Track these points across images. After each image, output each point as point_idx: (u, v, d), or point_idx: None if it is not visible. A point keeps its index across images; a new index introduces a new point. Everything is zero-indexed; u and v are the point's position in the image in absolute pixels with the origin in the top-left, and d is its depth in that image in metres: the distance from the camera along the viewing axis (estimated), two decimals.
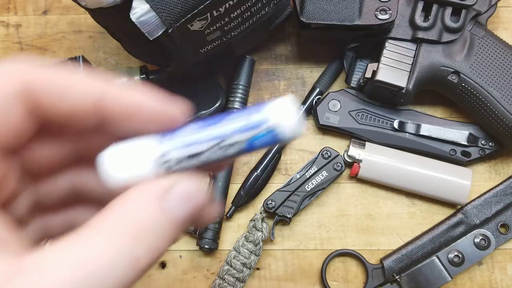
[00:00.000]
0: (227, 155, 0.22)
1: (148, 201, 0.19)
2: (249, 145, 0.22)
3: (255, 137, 0.22)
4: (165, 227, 0.19)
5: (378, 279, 0.54)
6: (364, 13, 0.50)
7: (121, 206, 0.19)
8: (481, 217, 0.54)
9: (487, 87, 0.52)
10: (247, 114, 0.22)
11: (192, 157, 0.21)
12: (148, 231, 0.18)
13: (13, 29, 0.60)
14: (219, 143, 0.22)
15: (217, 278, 0.53)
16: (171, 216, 0.19)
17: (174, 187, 0.20)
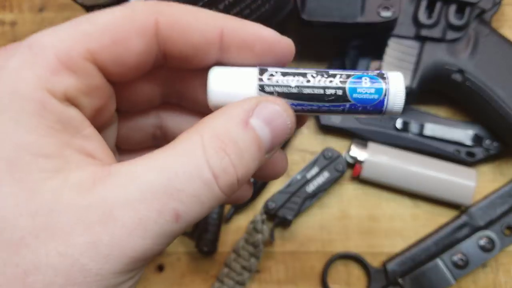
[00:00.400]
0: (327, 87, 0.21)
1: (233, 118, 0.20)
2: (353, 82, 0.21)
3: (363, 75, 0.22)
4: (248, 144, 0.20)
5: (381, 282, 0.53)
6: (366, 10, 0.49)
7: (209, 123, 0.20)
8: (486, 219, 0.53)
9: (491, 86, 0.51)
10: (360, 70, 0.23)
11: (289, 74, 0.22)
12: (231, 146, 0.19)
13: (8, 27, 0.60)
14: (322, 71, 0.22)
15: (216, 281, 0.53)
16: (254, 134, 0.20)
17: (260, 107, 0.21)
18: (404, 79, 0.22)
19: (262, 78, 0.22)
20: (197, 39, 0.21)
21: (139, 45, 0.20)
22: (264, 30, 0.22)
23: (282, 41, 0.23)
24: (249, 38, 0.22)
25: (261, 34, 0.22)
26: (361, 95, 0.21)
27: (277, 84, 0.21)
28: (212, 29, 0.21)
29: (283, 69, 0.22)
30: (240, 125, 0.20)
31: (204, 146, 0.19)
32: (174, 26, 0.21)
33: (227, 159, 0.19)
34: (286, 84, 0.21)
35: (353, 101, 0.22)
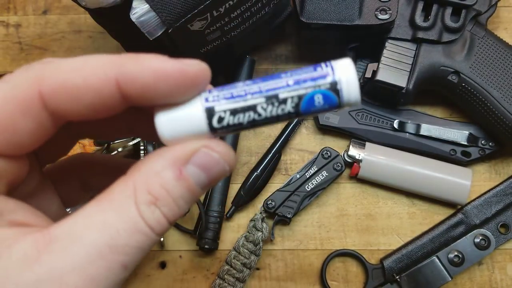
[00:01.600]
0: (279, 115, 0.21)
1: (167, 167, 0.20)
2: (306, 102, 0.21)
3: (315, 91, 0.21)
4: (181, 193, 0.20)
5: (378, 279, 0.54)
6: (364, 13, 0.50)
7: (143, 171, 0.20)
8: (481, 217, 0.54)
9: (487, 87, 0.52)
10: (304, 70, 0.21)
11: (239, 112, 0.21)
12: (164, 198, 0.20)
13: (13, 29, 0.60)
14: (272, 96, 0.21)
15: (217, 278, 0.53)
16: (188, 183, 0.20)
17: (198, 155, 0.21)
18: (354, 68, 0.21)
19: (212, 122, 0.21)
20: (90, 99, 0.20)
21: (27, 125, 0.20)
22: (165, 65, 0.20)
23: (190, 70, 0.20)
24: (150, 81, 0.20)
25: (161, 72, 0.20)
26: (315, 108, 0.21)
27: (229, 125, 0.21)
28: (105, 84, 0.19)
29: (229, 104, 0.21)
30: (173, 175, 0.20)
31: (137, 203, 0.19)
32: (60, 93, 0.19)
33: (158, 212, 0.20)
34: (238, 123, 0.21)
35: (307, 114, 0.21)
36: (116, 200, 0.19)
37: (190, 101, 0.21)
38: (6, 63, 0.60)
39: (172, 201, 0.20)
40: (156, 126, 0.21)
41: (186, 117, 0.21)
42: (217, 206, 0.54)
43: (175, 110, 0.21)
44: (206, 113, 0.21)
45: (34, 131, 0.20)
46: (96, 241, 0.18)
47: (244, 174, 0.56)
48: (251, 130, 0.57)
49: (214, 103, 0.21)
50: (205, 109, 0.21)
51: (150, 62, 0.20)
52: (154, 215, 0.19)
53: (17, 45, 0.60)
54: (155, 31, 0.40)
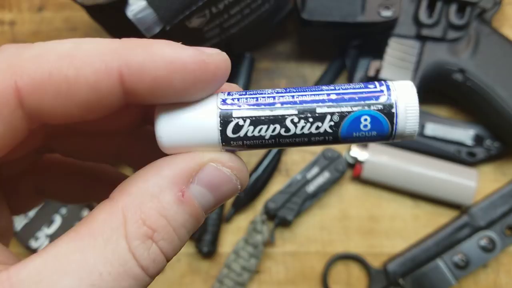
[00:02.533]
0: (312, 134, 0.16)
1: (167, 188, 0.16)
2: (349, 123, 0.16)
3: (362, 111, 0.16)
4: (183, 221, 0.16)
5: (381, 283, 0.53)
6: (367, 10, 0.49)
7: (132, 193, 0.16)
8: (487, 219, 0.53)
9: (492, 86, 0.51)
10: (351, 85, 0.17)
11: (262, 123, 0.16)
12: (162, 229, 0.16)
13: (7, 26, 0.60)
14: (307, 110, 0.16)
15: (216, 281, 0.53)
16: (192, 208, 0.16)
17: (205, 172, 0.16)
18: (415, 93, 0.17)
19: (226, 131, 0.17)
20: (84, 97, 0.15)
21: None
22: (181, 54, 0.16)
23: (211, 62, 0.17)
24: (162, 74, 0.16)
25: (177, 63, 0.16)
26: (359, 135, 0.17)
27: (247, 137, 0.17)
28: (103, 77, 0.15)
29: (251, 111, 0.17)
30: (174, 198, 0.16)
31: (127, 237, 0.15)
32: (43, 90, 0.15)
33: (155, 248, 0.16)
34: (258, 136, 0.17)
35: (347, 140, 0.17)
36: (99, 234, 0.15)
37: (203, 102, 0.17)
38: None
39: (173, 232, 0.16)
40: (156, 129, 0.17)
41: (194, 121, 0.17)
42: (217, 209, 0.53)
43: (182, 111, 0.17)
44: (220, 118, 0.17)
45: (7, 135, 0.16)
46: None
47: None
48: None
49: (232, 107, 0.17)
50: (220, 113, 0.17)
51: (163, 50, 0.16)
52: (149, 252, 0.16)
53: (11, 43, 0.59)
54: (152, 28, 0.40)
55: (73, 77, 0.15)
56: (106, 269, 0.15)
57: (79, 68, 0.15)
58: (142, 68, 0.15)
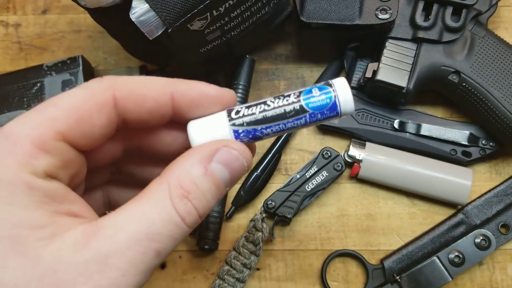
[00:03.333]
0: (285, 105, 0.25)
1: (195, 165, 0.23)
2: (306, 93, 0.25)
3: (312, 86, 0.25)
4: (208, 187, 0.23)
5: (379, 280, 0.53)
6: (364, 12, 0.50)
7: (174, 170, 0.23)
8: (482, 217, 0.54)
9: (487, 87, 0.51)
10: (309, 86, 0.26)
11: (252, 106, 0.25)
12: (193, 192, 0.23)
13: (12, 28, 0.60)
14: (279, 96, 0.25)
15: (217, 278, 0.53)
16: (214, 178, 0.24)
17: (219, 153, 0.24)
18: (347, 82, 0.26)
19: (230, 115, 0.25)
20: (151, 105, 0.25)
21: (101, 120, 0.24)
22: (208, 88, 0.26)
23: (224, 93, 0.26)
24: (196, 97, 0.26)
25: (205, 92, 0.26)
26: (315, 103, 0.25)
27: (244, 115, 0.25)
28: (163, 94, 0.25)
29: (246, 104, 0.26)
30: (201, 172, 0.23)
31: (171, 196, 0.22)
32: (129, 98, 0.24)
33: (190, 205, 0.23)
34: (251, 113, 0.25)
35: (311, 110, 0.25)
36: (153, 196, 0.23)
37: (218, 113, 0.26)
38: (5, 62, 0.59)
39: (201, 194, 0.23)
40: (188, 132, 0.26)
41: (212, 121, 0.26)
42: (217, 206, 0.54)
43: (205, 118, 0.26)
44: (227, 113, 0.26)
45: (105, 125, 0.24)
46: (135, 230, 0.21)
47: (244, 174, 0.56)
48: None
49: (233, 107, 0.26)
50: (227, 110, 0.26)
51: (197, 84, 0.26)
52: (186, 207, 0.22)
53: (16, 45, 0.60)
54: (154, 30, 0.40)
55: (146, 93, 0.25)
56: (157, 217, 0.22)
57: (149, 89, 0.25)
58: (184, 92, 0.25)
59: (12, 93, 0.53)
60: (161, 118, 0.26)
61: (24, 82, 0.53)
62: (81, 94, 0.23)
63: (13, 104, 0.52)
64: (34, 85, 0.53)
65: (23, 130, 0.22)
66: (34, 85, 0.53)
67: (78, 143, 0.23)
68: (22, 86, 0.53)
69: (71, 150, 0.23)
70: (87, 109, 0.23)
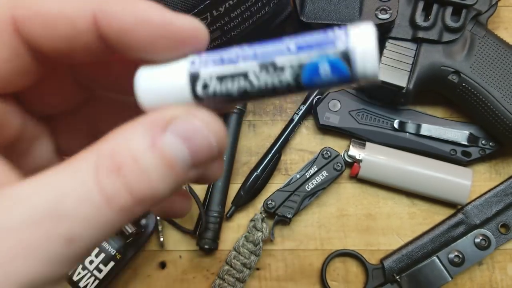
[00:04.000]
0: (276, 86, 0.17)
1: (140, 133, 0.17)
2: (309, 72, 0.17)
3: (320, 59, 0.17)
4: (154, 164, 0.17)
5: (378, 279, 0.54)
6: (364, 12, 0.50)
7: (112, 139, 0.17)
8: (482, 217, 0.54)
9: (487, 87, 0.52)
10: (312, 34, 0.17)
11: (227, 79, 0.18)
12: (129, 166, 0.16)
13: None
14: (267, 62, 0.17)
15: (217, 278, 0.53)
16: (163, 153, 0.17)
17: (176, 122, 0.17)
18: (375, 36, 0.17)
19: (196, 89, 0.18)
20: (65, 29, 0.18)
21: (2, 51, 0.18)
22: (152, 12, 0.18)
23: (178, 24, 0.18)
24: (130, 21, 0.18)
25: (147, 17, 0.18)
26: (321, 81, 0.17)
27: (215, 93, 0.18)
28: (80, 14, 0.18)
29: (217, 67, 0.18)
30: (146, 143, 0.17)
31: (97, 167, 0.16)
32: (34, 19, 0.18)
33: (119, 182, 0.16)
34: (226, 92, 0.18)
35: (312, 87, 0.18)
36: (75, 166, 0.17)
37: (175, 63, 0.18)
38: None
39: (141, 172, 0.16)
40: (135, 88, 0.18)
41: (167, 80, 0.18)
42: (217, 206, 0.54)
43: (157, 71, 0.18)
44: (189, 77, 0.18)
45: (10, 58, 0.18)
46: (38, 204, 0.16)
47: (244, 174, 0.56)
48: (251, 129, 0.57)
49: (199, 67, 0.18)
50: (189, 73, 0.18)
51: (135, 5, 0.18)
52: (113, 185, 0.16)
53: None
54: None
55: (56, 11, 0.18)
56: (71, 193, 0.16)
57: (61, 6, 0.18)
58: (112, 14, 0.17)
59: None
60: (86, 51, 0.19)
61: None
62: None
63: None
64: None
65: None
66: None
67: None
68: None
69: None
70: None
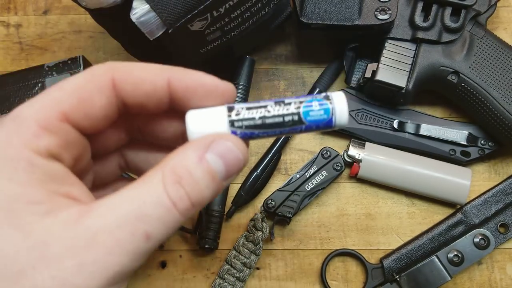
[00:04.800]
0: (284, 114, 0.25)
1: (190, 154, 0.23)
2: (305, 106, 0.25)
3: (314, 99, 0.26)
4: (202, 175, 0.23)
5: (378, 279, 0.54)
6: (364, 13, 0.50)
7: (170, 159, 0.24)
8: (481, 217, 0.54)
9: (486, 87, 0.52)
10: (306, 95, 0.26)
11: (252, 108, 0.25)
12: (186, 179, 0.23)
13: (13, 29, 0.61)
14: (280, 101, 0.26)
15: (217, 277, 0.54)
16: (208, 167, 0.24)
17: (214, 144, 0.24)
18: (345, 97, 0.26)
19: (230, 115, 0.25)
20: (148, 88, 0.25)
21: (101, 100, 0.24)
22: (205, 77, 0.26)
23: (222, 85, 0.26)
24: (192, 84, 0.26)
25: (201, 81, 0.26)
26: (313, 117, 0.25)
27: (244, 118, 0.25)
28: (160, 78, 0.25)
29: (247, 104, 0.26)
30: (195, 160, 0.23)
31: (164, 181, 0.23)
32: (128, 80, 0.25)
33: (182, 191, 0.23)
34: (251, 117, 0.25)
35: (308, 122, 0.25)
36: (147, 181, 0.23)
37: (216, 107, 0.26)
38: (6, 63, 0.60)
39: (195, 182, 0.23)
40: (186, 121, 0.25)
41: (211, 115, 0.25)
42: (217, 206, 0.54)
43: (204, 111, 0.26)
44: (227, 108, 0.25)
45: (105, 106, 0.25)
46: (126, 210, 0.22)
47: (244, 174, 0.56)
48: None
49: (234, 104, 0.26)
50: (227, 107, 0.26)
51: (194, 72, 0.26)
52: (177, 192, 0.22)
53: (17, 45, 0.60)
54: (155, 31, 0.40)
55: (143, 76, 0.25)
56: (148, 199, 0.22)
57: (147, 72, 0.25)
58: (181, 79, 0.26)
59: (13, 94, 0.53)
60: (159, 103, 0.26)
61: (25, 83, 0.53)
62: (82, 77, 0.25)
63: (14, 105, 0.53)
64: (35, 85, 0.53)
65: (29, 112, 0.23)
66: (35, 85, 0.53)
67: (80, 124, 0.24)
68: (23, 86, 0.53)
69: (74, 131, 0.24)
70: (88, 90, 0.24)
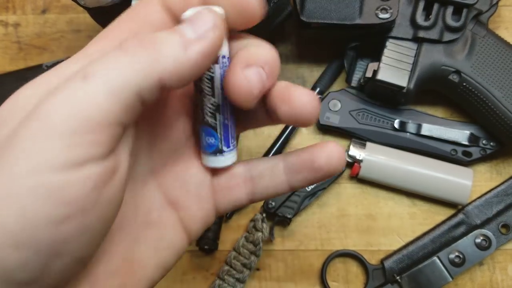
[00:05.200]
0: None
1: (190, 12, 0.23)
2: None
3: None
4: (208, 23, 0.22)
5: (379, 280, 0.54)
6: (364, 12, 0.50)
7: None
8: (482, 217, 0.54)
9: (488, 87, 0.51)
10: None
11: None
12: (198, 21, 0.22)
13: (11, 28, 0.60)
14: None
15: (217, 278, 0.53)
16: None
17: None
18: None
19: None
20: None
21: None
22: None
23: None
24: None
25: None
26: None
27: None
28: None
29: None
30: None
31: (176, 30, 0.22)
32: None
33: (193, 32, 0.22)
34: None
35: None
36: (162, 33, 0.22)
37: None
38: (5, 62, 0.59)
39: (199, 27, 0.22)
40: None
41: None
42: None
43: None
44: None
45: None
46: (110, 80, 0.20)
47: None
48: (251, 131, 0.57)
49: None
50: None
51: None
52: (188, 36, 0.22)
53: (15, 45, 0.60)
54: None
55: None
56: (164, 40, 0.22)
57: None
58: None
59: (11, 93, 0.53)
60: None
61: (23, 82, 0.53)
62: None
63: None
64: None
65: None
66: None
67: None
68: (22, 85, 0.53)
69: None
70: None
